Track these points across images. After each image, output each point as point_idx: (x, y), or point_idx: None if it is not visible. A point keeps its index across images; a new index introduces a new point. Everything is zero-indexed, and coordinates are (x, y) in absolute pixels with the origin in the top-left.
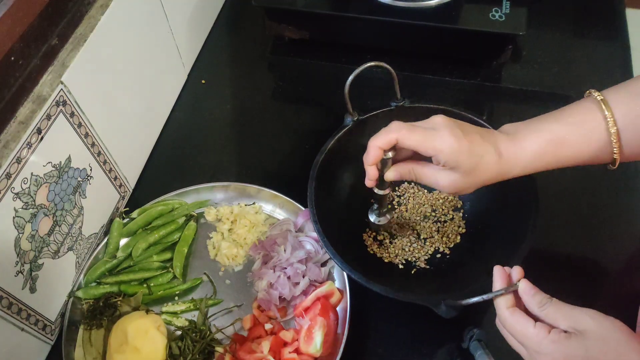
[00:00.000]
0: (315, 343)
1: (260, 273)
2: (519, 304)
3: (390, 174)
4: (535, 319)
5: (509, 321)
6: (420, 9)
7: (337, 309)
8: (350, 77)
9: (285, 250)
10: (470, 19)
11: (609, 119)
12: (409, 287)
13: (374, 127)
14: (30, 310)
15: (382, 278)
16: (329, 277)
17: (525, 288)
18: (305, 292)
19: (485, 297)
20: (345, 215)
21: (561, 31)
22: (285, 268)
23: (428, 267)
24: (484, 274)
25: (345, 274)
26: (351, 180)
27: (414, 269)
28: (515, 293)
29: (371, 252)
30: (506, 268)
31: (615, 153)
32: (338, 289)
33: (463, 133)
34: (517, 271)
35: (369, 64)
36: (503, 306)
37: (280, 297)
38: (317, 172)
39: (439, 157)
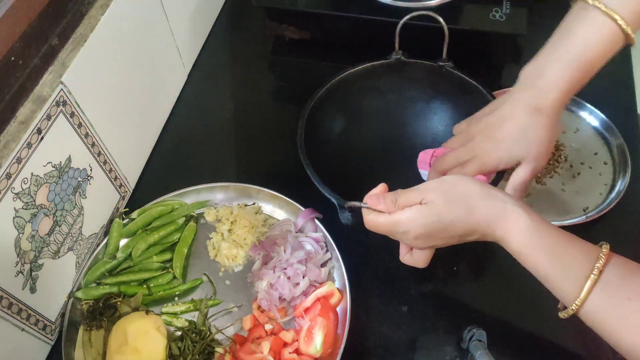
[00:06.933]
0: (315, 343)
1: (260, 273)
2: None
3: None
4: None
5: (371, 220)
6: (420, 9)
7: (337, 309)
8: (405, 18)
9: (285, 251)
10: (471, 19)
11: (620, 22)
12: None
13: (410, 72)
14: (30, 310)
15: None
16: (329, 277)
17: (372, 195)
18: (305, 293)
19: (364, 203)
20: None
21: None
22: (285, 268)
23: None
24: None
25: (345, 274)
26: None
27: None
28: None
29: None
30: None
31: (630, 38)
32: (338, 289)
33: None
34: (380, 186)
35: (421, 12)
36: (366, 214)
37: (280, 298)
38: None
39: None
